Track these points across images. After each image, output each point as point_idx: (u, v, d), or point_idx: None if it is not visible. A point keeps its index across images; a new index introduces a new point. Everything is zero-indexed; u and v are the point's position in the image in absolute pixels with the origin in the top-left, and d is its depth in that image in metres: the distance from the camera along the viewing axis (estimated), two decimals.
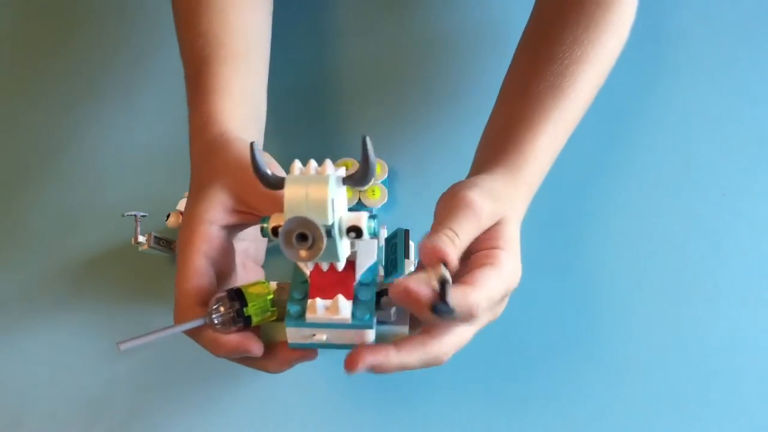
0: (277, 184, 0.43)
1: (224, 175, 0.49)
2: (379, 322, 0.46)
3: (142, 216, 0.63)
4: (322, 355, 0.61)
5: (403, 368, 0.45)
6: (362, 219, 0.42)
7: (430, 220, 0.48)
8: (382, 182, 0.67)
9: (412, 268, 0.50)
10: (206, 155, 0.52)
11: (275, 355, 0.49)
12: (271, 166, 0.49)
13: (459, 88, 0.73)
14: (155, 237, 0.63)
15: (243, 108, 0.55)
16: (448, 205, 0.47)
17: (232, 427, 0.60)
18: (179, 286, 0.48)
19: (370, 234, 0.42)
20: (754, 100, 0.71)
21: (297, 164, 0.43)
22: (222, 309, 0.45)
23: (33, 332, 0.65)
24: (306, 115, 0.44)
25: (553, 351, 0.60)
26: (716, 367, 0.59)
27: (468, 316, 0.43)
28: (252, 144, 0.43)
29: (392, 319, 0.46)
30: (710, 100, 0.70)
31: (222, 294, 0.46)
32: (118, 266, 0.67)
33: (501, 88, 0.59)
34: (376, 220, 0.43)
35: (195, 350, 0.62)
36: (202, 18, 0.59)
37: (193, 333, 0.48)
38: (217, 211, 0.49)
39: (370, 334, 0.44)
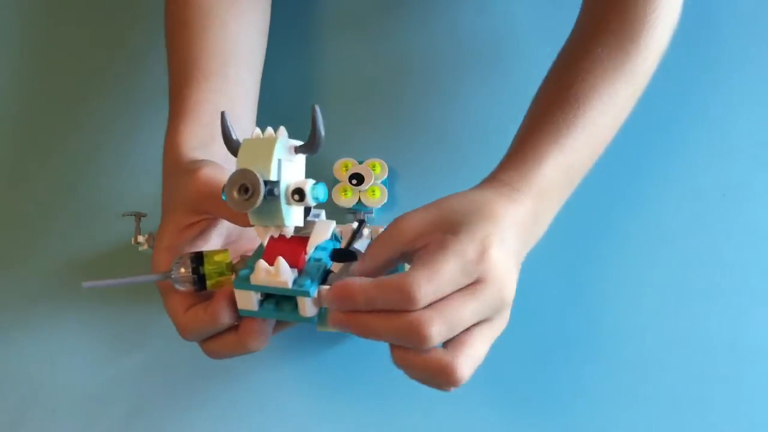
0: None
1: (177, 197, 0.52)
2: None
3: (142, 216, 0.63)
4: (322, 356, 0.62)
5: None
6: (307, 183, 0.45)
7: None
8: (382, 182, 0.67)
9: None
10: (165, 182, 0.55)
11: (241, 327, 0.49)
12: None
13: (459, 88, 0.73)
14: (155, 237, 0.63)
15: (207, 127, 0.56)
16: None
17: (231, 427, 0.60)
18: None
19: (313, 198, 0.45)
20: (754, 100, 0.71)
21: (257, 130, 0.46)
22: (182, 270, 0.49)
23: (33, 332, 0.65)
24: (304, 115, 0.45)
25: (554, 351, 0.60)
26: (716, 367, 0.59)
27: (401, 295, 0.42)
28: (222, 113, 0.46)
29: None
30: (710, 100, 0.70)
31: (184, 255, 0.49)
32: (118, 266, 0.67)
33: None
34: (322, 187, 0.45)
35: (194, 350, 0.62)
36: (183, 40, 0.61)
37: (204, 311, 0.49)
38: (173, 236, 0.51)
39: (308, 302, 0.46)
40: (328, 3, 0.80)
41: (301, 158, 0.46)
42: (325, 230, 0.47)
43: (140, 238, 0.62)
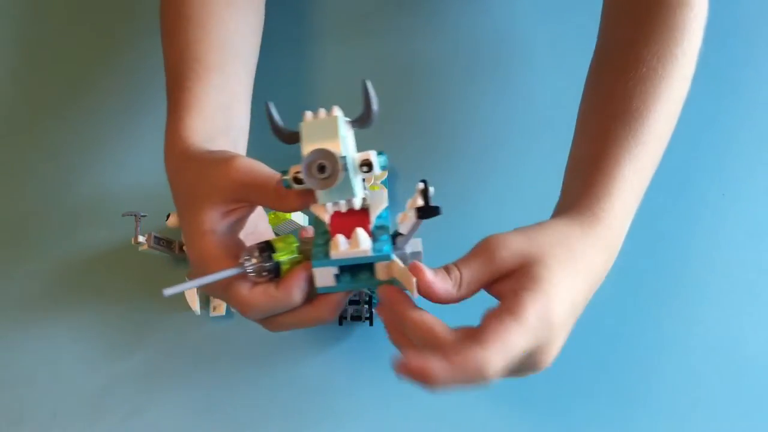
0: (294, 136, 0.48)
1: (207, 185, 0.51)
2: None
3: (142, 216, 0.63)
4: (321, 355, 0.62)
5: (447, 378, 0.43)
6: (371, 154, 0.47)
7: (430, 221, 0.48)
8: (382, 182, 0.67)
9: None
10: (178, 173, 0.54)
11: (318, 301, 0.50)
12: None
13: (459, 88, 0.73)
14: (155, 237, 0.63)
15: (211, 121, 0.57)
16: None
17: (232, 428, 0.60)
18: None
19: (381, 167, 0.47)
20: (754, 101, 0.71)
21: (308, 113, 0.48)
22: (254, 260, 0.49)
23: (33, 332, 0.65)
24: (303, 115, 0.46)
25: None
26: (715, 367, 0.59)
27: (476, 376, 0.42)
28: (267, 103, 0.48)
29: (407, 255, 0.49)
30: (710, 100, 0.70)
31: (252, 246, 0.50)
32: (118, 266, 0.67)
33: (577, 118, 0.58)
34: (384, 156, 0.47)
35: (194, 350, 0.62)
36: (181, 33, 0.61)
37: (268, 299, 0.49)
38: (215, 220, 0.51)
39: (386, 266, 0.48)
40: (329, 4, 0.80)
41: (352, 133, 0.48)
42: (381, 199, 0.49)
43: (140, 238, 0.62)
